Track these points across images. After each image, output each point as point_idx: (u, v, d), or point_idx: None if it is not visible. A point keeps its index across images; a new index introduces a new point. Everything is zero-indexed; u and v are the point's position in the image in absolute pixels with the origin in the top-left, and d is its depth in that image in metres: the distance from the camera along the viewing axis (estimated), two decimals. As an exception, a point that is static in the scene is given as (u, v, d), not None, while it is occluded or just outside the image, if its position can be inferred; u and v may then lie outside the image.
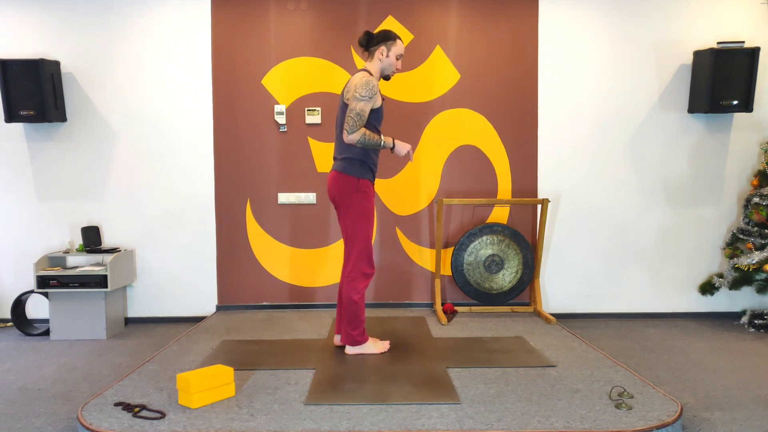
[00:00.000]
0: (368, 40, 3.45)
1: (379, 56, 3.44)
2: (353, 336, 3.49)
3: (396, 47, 3.46)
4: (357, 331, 3.49)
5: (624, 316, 4.85)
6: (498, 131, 4.80)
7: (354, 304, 3.43)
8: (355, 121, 3.28)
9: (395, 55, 3.46)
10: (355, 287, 3.43)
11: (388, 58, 3.45)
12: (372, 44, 3.45)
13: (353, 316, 3.46)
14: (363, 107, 3.29)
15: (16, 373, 3.64)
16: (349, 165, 3.39)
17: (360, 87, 3.31)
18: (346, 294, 3.44)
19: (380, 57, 3.44)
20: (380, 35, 3.45)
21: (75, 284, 4.37)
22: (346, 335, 3.52)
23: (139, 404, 2.75)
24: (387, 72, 3.50)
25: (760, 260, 4.39)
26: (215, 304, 4.85)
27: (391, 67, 3.48)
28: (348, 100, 3.35)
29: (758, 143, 4.79)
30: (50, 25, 4.69)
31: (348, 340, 3.52)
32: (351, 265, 3.44)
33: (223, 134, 4.78)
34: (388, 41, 3.44)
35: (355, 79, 3.38)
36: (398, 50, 3.47)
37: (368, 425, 2.51)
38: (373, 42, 3.45)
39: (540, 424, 2.51)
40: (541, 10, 4.74)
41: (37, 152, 4.76)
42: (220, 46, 4.74)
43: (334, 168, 3.47)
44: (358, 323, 3.48)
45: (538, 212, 4.78)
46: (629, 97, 4.78)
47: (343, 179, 3.40)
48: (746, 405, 3.00)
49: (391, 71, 3.50)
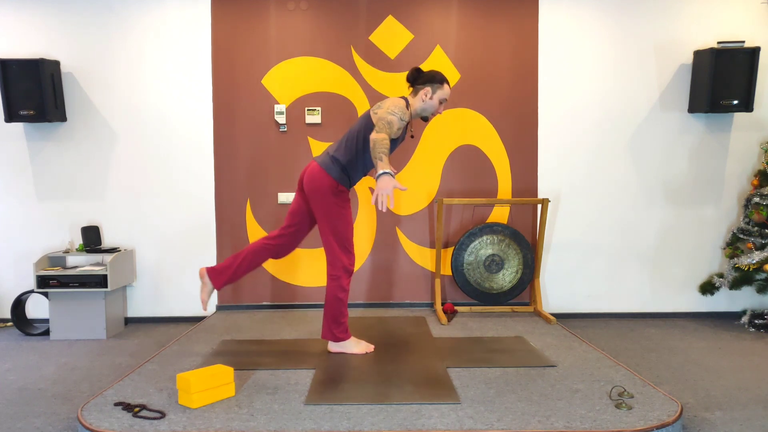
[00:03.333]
0: (415, 77, 3.38)
1: (422, 96, 3.36)
2: (336, 334, 3.49)
3: (442, 91, 3.37)
4: (340, 328, 3.49)
5: (624, 316, 4.85)
6: (498, 131, 4.80)
7: (339, 301, 3.43)
8: (383, 126, 3.17)
9: (439, 99, 3.37)
10: (340, 285, 3.42)
11: (431, 101, 3.37)
12: (418, 82, 3.38)
13: (339, 313, 3.46)
14: (392, 120, 3.19)
15: (16, 373, 3.64)
16: (331, 164, 3.35)
17: (394, 106, 3.23)
18: (331, 292, 3.43)
19: (423, 97, 3.36)
20: (428, 75, 3.37)
21: (75, 284, 4.37)
22: (329, 332, 3.51)
23: (139, 404, 2.75)
24: (427, 113, 3.41)
25: (760, 260, 4.39)
26: (215, 304, 4.85)
27: (432, 109, 3.39)
28: (375, 114, 3.27)
29: (758, 143, 4.79)
30: (50, 24, 4.70)
31: (331, 337, 3.51)
32: (333, 264, 3.42)
33: (223, 134, 4.78)
34: (434, 83, 3.36)
35: (390, 99, 3.31)
36: (443, 94, 3.38)
37: (368, 425, 2.51)
38: (420, 80, 3.37)
39: (540, 424, 2.51)
40: (541, 10, 4.74)
41: (37, 152, 4.76)
42: (220, 46, 4.74)
43: (316, 159, 3.42)
44: (342, 320, 3.49)
45: (538, 212, 4.78)
46: (629, 97, 4.78)
47: (320, 175, 3.34)
48: (746, 405, 3.00)
49: (431, 113, 3.42)
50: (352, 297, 4.81)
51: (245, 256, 3.51)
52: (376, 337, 3.87)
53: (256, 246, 3.53)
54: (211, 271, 3.50)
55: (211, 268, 3.50)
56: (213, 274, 3.49)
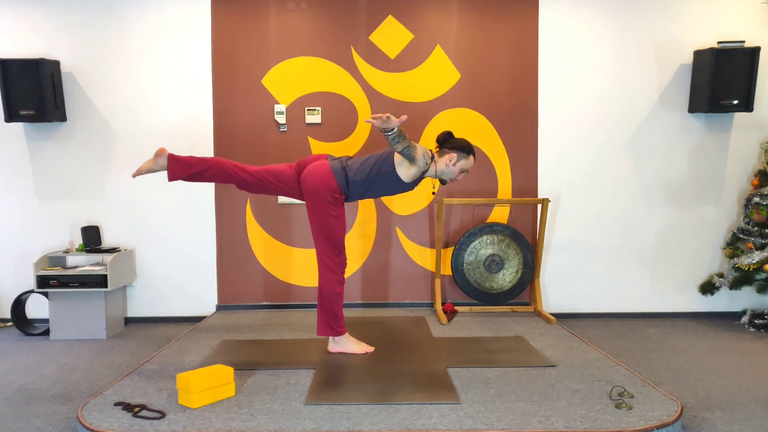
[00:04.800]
0: (445, 139, 3.41)
1: (447, 161, 3.36)
2: (335, 328, 3.50)
3: (466, 162, 3.39)
4: (339, 322, 3.51)
5: (624, 316, 4.85)
6: (498, 131, 4.80)
7: (338, 296, 3.45)
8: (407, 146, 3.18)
9: (461, 168, 3.39)
10: (338, 279, 3.44)
11: (453, 167, 3.38)
12: (446, 146, 3.39)
13: (337, 308, 3.47)
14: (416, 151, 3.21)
15: (16, 373, 3.64)
16: (341, 170, 3.36)
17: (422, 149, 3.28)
18: (329, 287, 3.43)
19: (447, 162, 3.36)
20: (458, 143, 3.39)
21: (75, 284, 4.37)
22: (327, 328, 3.50)
23: (139, 404, 2.75)
24: (445, 177, 3.43)
25: (760, 260, 4.39)
26: (215, 304, 4.84)
27: (451, 175, 3.41)
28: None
29: (759, 143, 4.79)
30: (50, 24, 4.69)
31: (330, 332, 3.51)
32: (331, 259, 3.43)
33: (223, 134, 4.78)
34: (461, 152, 3.37)
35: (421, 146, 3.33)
36: (467, 165, 3.40)
37: (368, 425, 2.51)
38: (449, 145, 3.39)
39: (540, 424, 2.51)
40: (541, 10, 4.74)
41: (37, 152, 4.76)
42: (220, 46, 4.74)
43: (328, 158, 3.42)
44: (340, 314, 3.50)
45: (538, 212, 4.78)
46: (629, 97, 4.77)
47: (326, 175, 3.34)
48: (746, 405, 3.00)
49: (449, 179, 3.43)
50: (352, 297, 4.81)
51: (213, 166, 3.35)
52: (375, 337, 3.87)
53: (226, 166, 3.38)
54: (174, 158, 3.29)
55: (175, 156, 3.30)
56: (174, 163, 3.28)
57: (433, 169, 3.38)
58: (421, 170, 3.32)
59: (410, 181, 3.36)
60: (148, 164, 3.32)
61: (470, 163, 3.42)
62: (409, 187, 3.41)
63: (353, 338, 3.62)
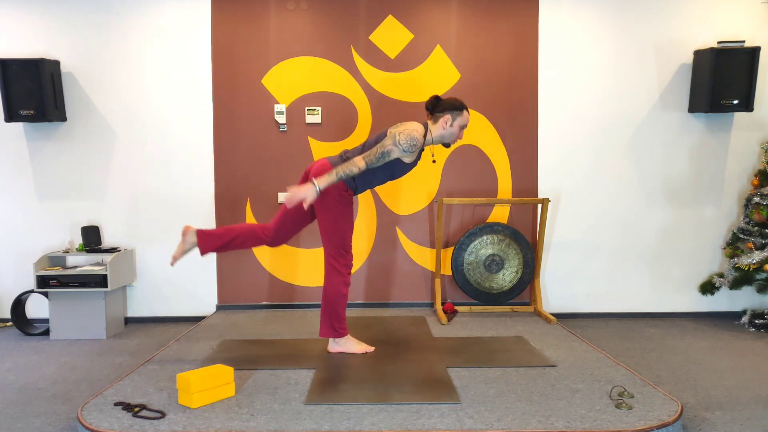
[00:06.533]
0: (434, 104, 3.39)
1: (443, 124, 3.36)
2: (338, 329, 3.50)
3: (461, 118, 3.38)
4: (342, 323, 3.51)
5: (624, 316, 4.85)
6: (498, 131, 4.80)
7: (343, 297, 3.46)
8: (375, 153, 3.19)
9: (459, 126, 3.39)
10: (344, 280, 3.45)
11: (451, 128, 3.37)
12: (438, 110, 3.38)
13: (341, 309, 3.48)
14: (391, 150, 3.21)
15: (16, 373, 3.64)
16: None
17: (406, 137, 3.21)
18: (334, 288, 3.43)
19: (444, 125, 3.36)
20: (447, 103, 3.37)
21: (75, 284, 4.37)
22: (330, 329, 3.50)
23: (139, 404, 2.75)
24: (447, 140, 3.42)
25: (760, 260, 4.38)
26: (215, 304, 4.85)
27: (452, 136, 3.40)
28: (390, 132, 3.26)
29: (759, 143, 4.79)
30: (50, 24, 4.69)
31: (332, 333, 3.51)
32: (337, 260, 3.43)
33: (223, 134, 4.78)
34: (454, 111, 3.36)
35: (409, 125, 3.29)
36: (463, 121, 3.39)
37: (368, 425, 2.51)
38: (439, 108, 3.37)
39: (540, 424, 2.51)
40: (541, 10, 4.74)
41: (37, 152, 4.76)
42: (220, 46, 4.74)
43: (328, 158, 3.41)
44: (343, 315, 3.51)
45: (538, 212, 4.78)
46: (629, 97, 4.77)
47: None
48: (746, 405, 3.00)
49: (452, 140, 3.43)
50: (352, 297, 4.81)
51: (240, 234, 3.42)
52: (376, 337, 3.87)
53: (252, 230, 3.45)
54: (202, 233, 3.36)
55: (203, 231, 3.38)
56: (204, 238, 3.36)
57: (430, 137, 3.37)
58: (414, 152, 3.28)
59: (411, 160, 3.35)
60: (180, 247, 3.41)
61: (466, 117, 3.41)
62: (413, 164, 3.41)
63: (353, 338, 3.62)
